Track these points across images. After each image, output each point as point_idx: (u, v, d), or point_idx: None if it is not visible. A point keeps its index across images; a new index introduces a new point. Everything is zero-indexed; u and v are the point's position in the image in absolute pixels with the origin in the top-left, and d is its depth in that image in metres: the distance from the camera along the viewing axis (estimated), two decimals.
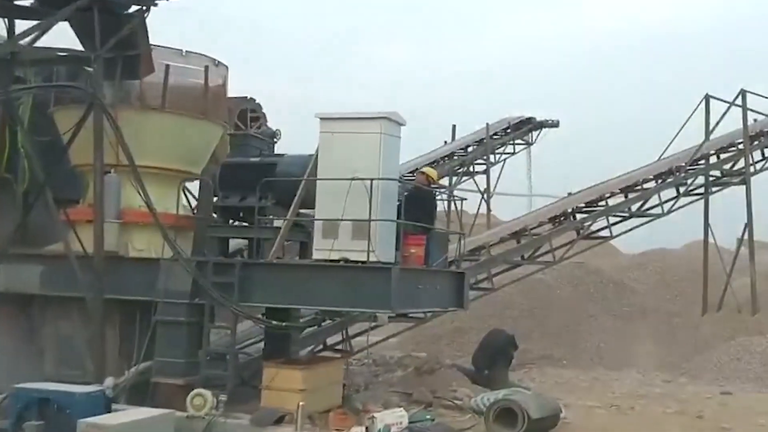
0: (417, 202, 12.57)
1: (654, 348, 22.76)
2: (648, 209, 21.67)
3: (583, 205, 20.93)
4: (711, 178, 23.35)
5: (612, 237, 21.12)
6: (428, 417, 12.06)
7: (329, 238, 11.54)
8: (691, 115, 22.83)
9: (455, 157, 29.23)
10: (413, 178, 23.74)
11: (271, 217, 12.68)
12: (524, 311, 23.58)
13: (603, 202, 21.04)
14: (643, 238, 32.60)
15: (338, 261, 11.42)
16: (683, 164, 22.10)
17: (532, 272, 20.89)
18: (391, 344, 24.00)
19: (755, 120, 24.31)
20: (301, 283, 11.53)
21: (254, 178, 12.53)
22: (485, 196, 29.18)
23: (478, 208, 29.27)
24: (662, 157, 22.63)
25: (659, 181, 22.08)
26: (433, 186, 13.46)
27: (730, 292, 23.29)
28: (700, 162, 23.02)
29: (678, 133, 22.46)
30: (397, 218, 11.96)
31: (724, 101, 23.34)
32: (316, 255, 11.70)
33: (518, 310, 23.64)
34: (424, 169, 13.36)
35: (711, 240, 24.06)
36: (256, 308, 12.50)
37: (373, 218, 11.20)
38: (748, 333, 21.52)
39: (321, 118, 11.90)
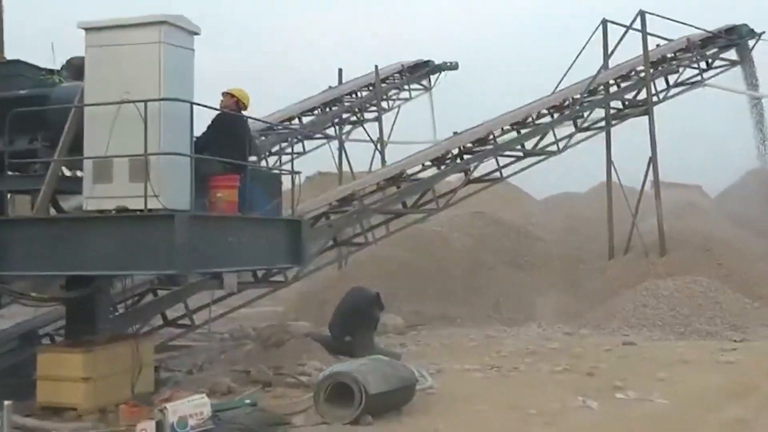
0: (224, 133, 10.12)
1: (558, 298, 20.79)
2: (544, 147, 19.56)
3: (471, 145, 18.66)
4: (611, 111, 21.35)
5: (503, 178, 18.93)
6: (248, 402, 9.68)
7: (102, 182, 9.00)
8: (587, 42, 20.71)
9: (345, 104, 26.66)
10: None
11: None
12: (419, 268, 21.31)
13: (493, 141, 18.82)
14: (554, 184, 30.83)
15: (111, 211, 8.89)
16: (579, 96, 19.99)
17: (414, 222, 18.58)
18: (270, 314, 21.65)
19: (657, 45, 22.35)
20: (65, 243, 8.95)
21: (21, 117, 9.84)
22: (378, 145, 26.74)
23: (372, 160, 26.84)
24: (557, 90, 20.48)
25: (554, 115, 19.95)
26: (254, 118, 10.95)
27: (636, 235, 21.42)
28: (599, 93, 20.98)
29: (573, 63, 20.33)
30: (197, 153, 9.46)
31: (623, 25, 21.29)
32: (88, 205, 9.15)
33: (412, 267, 21.37)
34: (232, 90, 10.81)
35: (615, 180, 22.12)
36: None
37: (152, 152, 8.67)
38: (656, 276, 19.69)
39: (86, 29, 9.30)
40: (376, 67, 27.14)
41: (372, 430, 8.92)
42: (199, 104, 9.36)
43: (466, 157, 18.29)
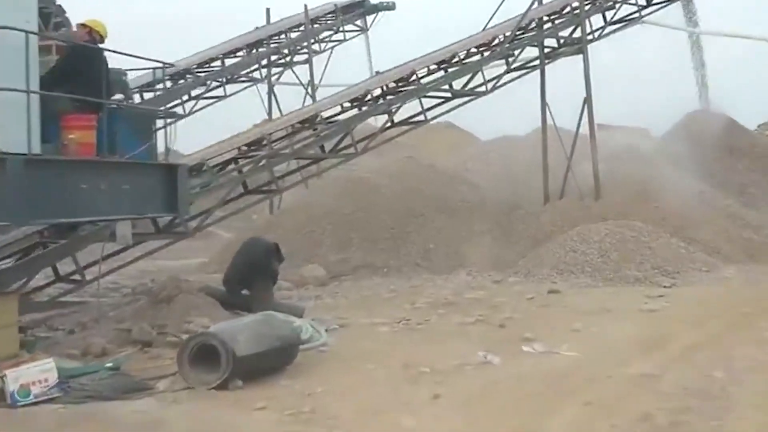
0: (76, 67, 8.97)
1: (490, 246, 19.89)
2: (473, 87, 18.57)
3: (394, 85, 17.60)
4: (546, 49, 20.34)
5: (427, 120, 17.91)
6: (108, 365, 8.73)
7: None
8: None
9: (272, 45, 25.34)
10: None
11: None
12: (345, 216, 20.30)
13: (417, 82, 17.76)
14: (500, 128, 29.85)
15: None
16: (509, 33, 18.95)
17: (330, 167, 17.57)
18: (192, 267, 20.64)
19: None
20: None
21: None
22: (309, 89, 25.55)
23: (303, 104, 25.63)
24: (487, 27, 19.42)
25: (484, 54, 18.92)
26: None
27: (572, 179, 20.60)
28: (531, 31, 19.95)
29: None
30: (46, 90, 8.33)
31: None
32: None
33: (338, 215, 20.36)
34: (86, 21, 9.65)
35: (550, 122, 21.21)
36: None
37: None
38: (591, 221, 18.89)
39: None
40: (306, 6, 25.87)
41: (240, 396, 8.00)
42: (33, 33, 8.17)
43: (389, 98, 17.22)
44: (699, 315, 11.98)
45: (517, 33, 19.14)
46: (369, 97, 16.75)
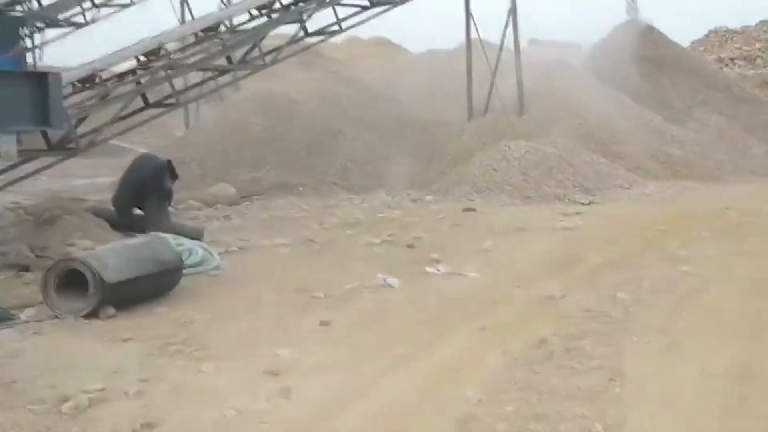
0: None
1: (411, 164, 19.25)
2: None
3: None
4: None
5: (342, 30, 16.91)
6: None
7: None
8: None
9: None
10: None
11: None
12: (260, 133, 19.46)
13: None
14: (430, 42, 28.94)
15: None
16: None
17: (236, 79, 16.61)
18: (102, 186, 19.59)
19: None
20: None
21: None
22: None
23: None
24: None
25: None
26: None
27: (496, 95, 19.98)
28: None
29: None
30: None
31: None
32: None
33: (253, 132, 19.50)
34: None
35: (476, 36, 20.44)
36: None
37: None
38: (515, 138, 18.37)
39: None
40: None
41: (110, 325, 7.31)
42: None
43: (300, 5, 16.17)
44: (613, 233, 11.63)
45: None
46: (278, 4, 15.65)
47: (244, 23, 15.90)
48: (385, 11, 17.20)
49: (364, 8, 17.25)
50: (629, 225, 12.39)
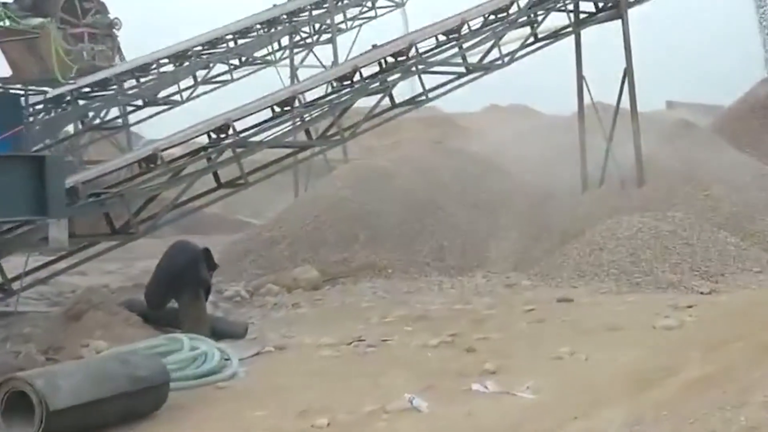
0: None
1: (516, 242, 17.51)
2: (493, 61, 16.22)
3: (392, 61, 15.35)
4: (581, 15, 17.75)
5: (428, 100, 15.56)
6: None
7: None
8: None
9: (291, 23, 23.28)
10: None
11: None
12: (353, 209, 18.25)
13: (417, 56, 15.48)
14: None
15: None
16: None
17: (312, 155, 15.52)
18: None
19: None
20: None
21: None
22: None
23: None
24: None
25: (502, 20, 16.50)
26: None
27: (612, 163, 18.04)
28: None
29: None
30: None
31: None
32: None
33: (347, 209, 18.31)
34: None
35: (588, 99, 18.68)
36: None
37: None
38: (631, 211, 16.34)
39: None
40: None
41: None
42: None
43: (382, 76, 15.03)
44: (725, 334, 9.43)
45: None
46: (358, 75, 14.55)
47: (322, 97, 14.92)
48: (477, 78, 15.83)
49: (460, 75, 15.96)
50: (750, 323, 10.11)
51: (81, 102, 20.23)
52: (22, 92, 8.27)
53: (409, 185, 19.03)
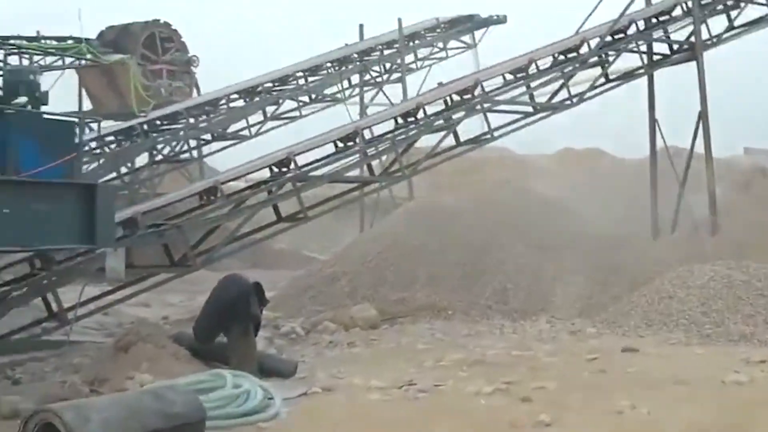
0: None
1: (583, 287, 16.90)
2: (562, 101, 15.89)
3: (458, 98, 15.14)
4: (655, 56, 17.30)
5: (493, 138, 15.26)
6: None
7: None
8: None
9: (361, 62, 23.36)
10: None
11: None
12: (415, 248, 17.93)
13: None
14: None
15: None
16: (600, 37, 16.07)
17: (372, 191, 15.32)
18: None
19: None
20: None
21: None
22: None
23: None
24: (580, 31, 16.63)
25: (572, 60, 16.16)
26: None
27: (685, 209, 17.41)
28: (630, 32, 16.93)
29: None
30: None
31: None
32: None
33: (408, 247, 18.01)
34: None
35: (661, 143, 18.15)
36: None
37: None
38: (703, 259, 15.67)
39: None
40: (400, 20, 23.84)
41: None
42: None
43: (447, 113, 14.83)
44: None
45: (614, 36, 16.24)
46: (422, 112, 14.37)
47: (386, 133, 14.78)
48: (544, 118, 15.49)
49: (527, 115, 15.66)
50: None
51: (152, 135, 20.53)
52: (76, 120, 8.14)
53: (474, 225, 18.63)
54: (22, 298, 10.99)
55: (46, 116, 8.10)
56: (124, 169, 20.94)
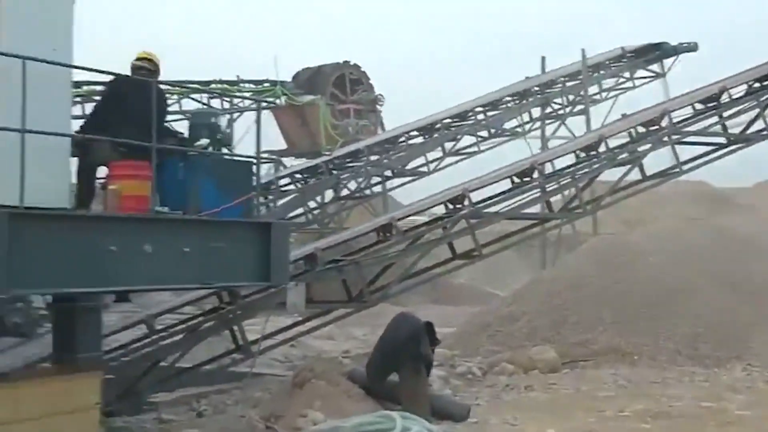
0: (126, 104, 7.64)
1: None
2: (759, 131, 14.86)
3: (643, 130, 14.44)
4: None
5: (681, 173, 14.40)
6: None
7: None
8: None
9: (542, 95, 22.95)
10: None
11: None
12: (599, 288, 17.19)
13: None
14: None
15: None
16: None
17: (549, 229, 14.78)
18: None
19: None
20: None
21: None
22: None
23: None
24: None
25: None
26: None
27: None
28: None
29: None
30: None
31: None
32: None
33: (591, 287, 17.31)
34: (142, 53, 8.23)
35: None
36: None
37: None
38: None
39: None
40: (583, 51, 23.29)
41: None
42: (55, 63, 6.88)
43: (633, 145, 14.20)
44: None
45: None
46: (604, 146, 13.83)
47: (566, 167, 14.33)
48: (738, 149, 14.50)
49: (719, 147, 14.74)
50: None
51: (335, 172, 21.05)
52: (254, 160, 8.37)
53: (662, 264, 17.69)
54: (211, 330, 11.38)
55: (226, 157, 8.35)
56: (312, 204, 21.58)
